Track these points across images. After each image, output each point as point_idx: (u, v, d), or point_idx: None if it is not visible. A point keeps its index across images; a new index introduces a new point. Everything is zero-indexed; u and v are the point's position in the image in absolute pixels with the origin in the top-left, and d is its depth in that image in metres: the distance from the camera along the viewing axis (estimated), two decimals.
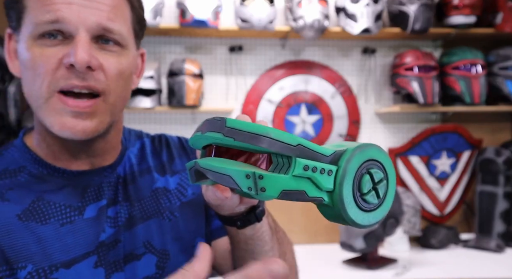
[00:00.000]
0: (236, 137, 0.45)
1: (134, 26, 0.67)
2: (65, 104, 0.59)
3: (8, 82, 2.23)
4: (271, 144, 0.45)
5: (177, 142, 0.82)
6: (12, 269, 0.59)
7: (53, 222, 0.63)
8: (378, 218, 0.49)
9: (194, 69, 2.22)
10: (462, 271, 1.98)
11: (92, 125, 0.61)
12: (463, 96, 2.34)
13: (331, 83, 2.53)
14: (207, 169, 0.47)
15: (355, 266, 2.06)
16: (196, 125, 2.44)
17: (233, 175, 0.45)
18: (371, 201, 0.48)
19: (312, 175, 0.46)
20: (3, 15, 0.69)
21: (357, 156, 0.47)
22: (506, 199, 2.40)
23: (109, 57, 0.62)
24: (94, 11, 0.59)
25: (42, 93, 0.60)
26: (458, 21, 2.35)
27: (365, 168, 0.48)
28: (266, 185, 0.44)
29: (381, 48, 2.57)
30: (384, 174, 0.49)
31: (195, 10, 2.13)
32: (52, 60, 0.59)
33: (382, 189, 0.49)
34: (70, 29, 0.59)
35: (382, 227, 2.03)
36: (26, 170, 0.66)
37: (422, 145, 2.56)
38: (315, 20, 2.18)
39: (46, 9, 0.58)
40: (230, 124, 0.46)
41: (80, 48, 0.58)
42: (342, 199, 0.46)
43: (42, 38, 0.59)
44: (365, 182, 0.47)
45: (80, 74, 0.59)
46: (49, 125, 0.61)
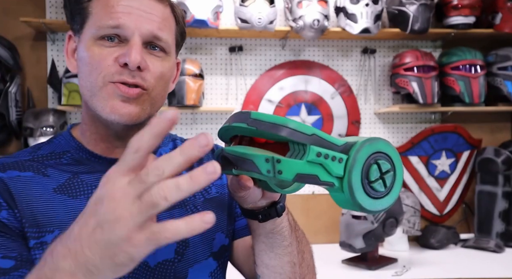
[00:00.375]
0: (259, 126, 0.52)
1: (177, 37, 0.78)
2: (117, 88, 0.69)
3: (9, 82, 2.23)
4: (289, 133, 0.50)
5: None
6: (40, 232, 0.68)
7: (82, 199, 0.72)
8: (385, 205, 0.54)
9: (195, 69, 2.23)
10: (461, 271, 1.98)
11: (136, 110, 0.71)
12: (462, 96, 2.34)
13: (331, 83, 2.54)
14: (232, 155, 0.54)
15: (354, 266, 2.07)
16: (196, 125, 2.46)
17: (254, 159, 0.51)
18: (378, 189, 0.53)
19: (324, 161, 0.51)
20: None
21: (366, 147, 0.52)
22: (505, 199, 2.40)
23: (155, 61, 0.73)
24: (148, 20, 0.71)
25: (97, 82, 0.70)
26: (457, 21, 2.36)
27: (374, 159, 0.53)
28: (283, 168, 0.50)
29: (381, 48, 2.57)
30: (392, 166, 0.54)
31: (195, 10, 2.13)
32: (109, 58, 0.69)
33: (389, 179, 0.54)
34: (127, 34, 0.70)
35: (382, 227, 2.04)
36: (69, 154, 0.76)
37: (422, 145, 2.56)
38: (315, 20, 2.18)
39: (110, 15, 0.69)
40: (254, 116, 0.53)
41: (134, 51, 0.68)
42: (351, 184, 0.51)
43: (101, 39, 0.70)
44: (372, 171, 0.52)
45: (131, 72, 0.69)
46: (100, 109, 0.71)
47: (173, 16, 0.77)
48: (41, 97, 2.36)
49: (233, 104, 2.47)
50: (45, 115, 2.19)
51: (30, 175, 0.72)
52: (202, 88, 2.26)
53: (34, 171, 0.72)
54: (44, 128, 2.16)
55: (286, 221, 0.74)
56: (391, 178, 0.54)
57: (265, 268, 0.77)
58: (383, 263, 2.06)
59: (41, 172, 0.73)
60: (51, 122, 2.18)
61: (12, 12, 2.31)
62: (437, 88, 2.33)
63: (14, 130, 2.26)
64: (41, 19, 2.17)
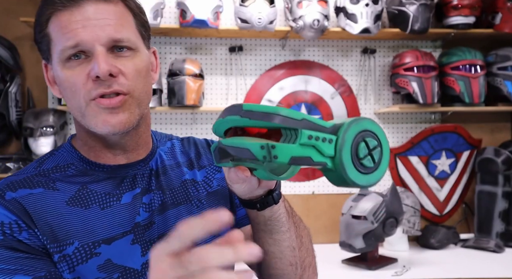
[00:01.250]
0: (251, 116, 0.54)
1: (140, 30, 0.77)
2: (99, 104, 0.71)
3: (9, 82, 2.23)
4: (281, 120, 0.53)
5: (204, 142, 0.94)
6: (61, 246, 0.70)
7: (94, 207, 0.75)
8: (376, 179, 0.58)
9: (195, 69, 2.23)
10: (461, 271, 1.98)
11: (125, 116, 0.72)
12: (462, 96, 2.34)
13: (331, 83, 2.54)
14: (228, 145, 0.57)
15: (354, 265, 2.07)
16: (196, 125, 2.46)
17: (250, 147, 0.54)
18: (367, 164, 0.57)
19: (316, 143, 0.54)
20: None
21: (353, 127, 0.56)
22: (505, 199, 2.40)
23: (125, 62, 0.73)
24: (103, 27, 0.70)
25: (81, 104, 0.71)
26: (457, 21, 2.36)
27: (361, 137, 0.56)
28: (278, 153, 0.53)
29: (381, 48, 2.57)
30: (378, 142, 0.58)
31: (195, 10, 2.13)
32: (81, 77, 0.70)
33: (376, 155, 0.58)
34: (88, 47, 0.70)
35: (382, 227, 2.04)
36: (73, 166, 0.78)
37: (422, 145, 2.56)
38: (315, 20, 2.18)
39: (66, 36, 0.70)
40: (246, 107, 0.55)
41: (100, 60, 0.69)
42: (343, 162, 0.55)
43: (69, 60, 0.71)
44: (361, 149, 0.56)
45: (105, 82, 0.70)
46: (93, 126, 0.73)
47: (128, 11, 0.76)
48: (41, 97, 2.36)
49: None
50: (45, 115, 2.19)
51: (41, 191, 0.73)
52: (202, 88, 2.25)
53: (44, 186, 0.74)
54: (44, 128, 2.16)
55: (283, 207, 0.78)
56: (379, 153, 0.58)
57: (265, 255, 0.81)
58: (383, 263, 2.06)
59: (50, 187, 0.74)
60: (51, 122, 2.18)
61: (12, 12, 2.31)
62: (437, 88, 2.33)
63: (14, 130, 2.27)
64: None
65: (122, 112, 0.72)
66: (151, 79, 0.80)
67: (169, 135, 0.93)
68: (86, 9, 0.70)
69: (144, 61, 0.76)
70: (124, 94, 0.72)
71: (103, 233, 0.73)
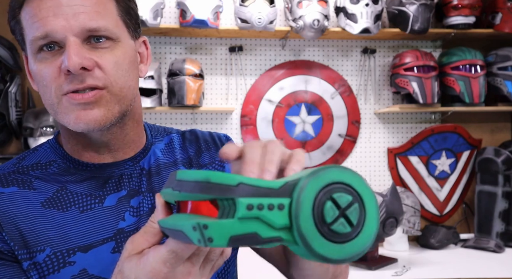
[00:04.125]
0: (181, 188, 0.44)
1: (123, 18, 0.68)
2: (71, 99, 0.64)
3: (9, 82, 2.23)
4: (211, 189, 0.41)
5: (208, 135, 0.85)
6: (31, 252, 0.64)
7: (73, 210, 0.68)
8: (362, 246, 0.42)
9: (195, 69, 2.23)
10: (461, 271, 1.98)
11: (101, 113, 0.65)
12: (462, 96, 2.34)
13: (331, 83, 2.54)
14: (165, 228, 0.47)
15: (354, 265, 2.07)
16: (196, 125, 2.46)
17: (183, 229, 0.42)
18: (341, 230, 0.41)
19: (260, 213, 0.40)
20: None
21: (311, 183, 0.41)
22: (505, 199, 2.40)
23: (103, 53, 0.64)
24: (76, 15, 0.62)
25: (52, 99, 0.65)
26: (457, 21, 2.36)
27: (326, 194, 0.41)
28: (212, 234, 0.40)
29: (381, 48, 2.57)
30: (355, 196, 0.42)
31: (195, 10, 2.13)
32: (53, 70, 0.63)
33: (354, 214, 0.42)
34: (59, 38, 0.62)
35: (382, 227, 2.04)
36: (55, 164, 0.72)
37: (422, 145, 2.56)
38: (315, 20, 2.18)
39: (36, 25, 0.62)
40: (179, 176, 0.45)
41: (72, 53, 0.61)
42: (303, 234, 0.40)
43: (41, 52, 0.64)
44: (328, 210, 0.41)
45: (78, 77, 0.62)
46: (66, 123, 0.66)
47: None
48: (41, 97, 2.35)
49: (233, 104, 2.47)
50: (45, 115, 2.19)
51: (14, 191, 0.67)
52: (202, 88, 2.26)
53: (19, 185, 0.68)
54: (44, 128, 2.16)
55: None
56: (357, 211, 0.42)
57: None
58: (383, 263, 2.06)
59: (26, 186, 0.68)
60: (51, 122, 2.18)
61: None
62: (437, 88, 2.33)
63: (14, 130, 2.27)
64: None
65: (98, 108, 0.64)
66: (137, 72, 0.71)
67: (168, 129, 0.85)
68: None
69: (126, 52, 0.67)
70: (100, 89, 0.64)
71: (80, 239, 0.66)
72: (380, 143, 2.57)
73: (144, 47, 0.76)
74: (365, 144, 2.57)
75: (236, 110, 2.48)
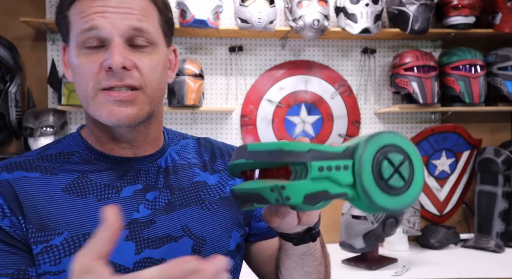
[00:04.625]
0: (256, 158, 0.51)
1: (163, 26, 0.75)
2: (108, 96, 0.68)
3: (9, 82, 2.23)
4: (284, 156, 0.49)
5: (221, 144, 0.91)
6: (48, 235, 0.67)
7: (91, 198, 0.72)
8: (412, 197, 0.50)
9: (195, 69, 2.23)
10: (461, 271, 1.98)
11: (133, 111, 0.70)
12: (462, 96, 2.34)
13: (331, 83, 2.54)
14: (239, 192, 0.54)
15: (354, 265, 2.07)
16: (196, 125, 2.46)
17: (260, 191, 0.50)
18: (396, 184, 0.49)
19: (329, 174, 0.48)
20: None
21: (370, 146, 0.49)
22: (505, 199, 2.40)
23: (142, 56, 0.70)
24: (125, 16, 0.68)
25: (88, 92, 0.69)
26: (457, 21, 2.36)
27: (382, 155, 0.49)
28: (290, 193, 0.48)
29: (381, 48, 2.57)
30: (405, 156, 0.50)
31: (195, 10, 2.13)
32: (94, 65, 0.68)
33: (405, 170, 0.50)
34: (105, 35, 0.68)
35: (382, 227, 2.04)
36: (77, 154, 0.76)
37: (422, 145, 2.56)
38: (315, 20, 2.18)
39: (84, 19, 0.68)
40: (250, 148, 0.52)
41: (115, 52, 0.67)
42: (365, 189, 0.48)
43: (85, 47, 0.69)
44: (384, 168, 0.49)
45: (117, 74, 0.68)
46: (98, 117, 0.70)
47: (153, 5, 0.74)
48: (41, 97, 2.36)
49: (233, 104, 2.47)
50: (45, 115, 2.19)
51: (37, 176, 0.71)
52: (202, 88, 2.26)
53: (42, 171, 0.72)
54: (44, 128, 2.16)
55: (318, 243, 0.76)
56: (408, 168, 0.50)
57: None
58: (383, 263, 2.06)
59: (48, 172, 0.72)
60: (51, 122, 2.18)
61: (12, 12, 2.31)
62: (437, 88, 2.33)
63: (14, 130, 2.27)
64: (41, 19, 2.17)
65: (131, 107, 0.69)
66: (166, 77, 0.77)
67: (184, 134, 0.90)
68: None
69: (161, 58, 0.73)
70: (135, 89, 0.70)
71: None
72: None
73: (174, 55, 0.82)
74: None
75: (236, 110, 2.48)
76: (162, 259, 0.73)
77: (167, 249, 0.73)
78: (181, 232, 0.75)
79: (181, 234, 0.75)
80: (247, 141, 2.48)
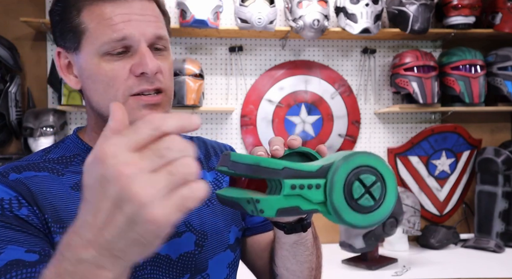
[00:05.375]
0: (236, 169, 0.53)
1: (168, 30, 0.78)
2: (140, 101, 0.70)
3: (9, 82, 2.23)
4: (260, 171, 0.51)
5: (214, 142, 0.94)
6: (65, 227, 0.67)
7: None
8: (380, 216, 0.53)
9: (195, 69, 2.23)
10: (461, 271, 1.98)
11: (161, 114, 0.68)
12: (462, 96, 2.34)
13: (331, 83, 2.54)
14: (223, 198, 0.59)
15: (354, 265, 2.07)
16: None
17: (239, 201, 0.54)
18: (366, 204, 0.52)
19: (301, 192, 0.52)
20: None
21: (343, 166, 0.52)
22: (505, 199, 2.40)
23: (162, 60, 0.73)
24: (147, 23, 0.70)
25: (118, 99, 0.70)
26: (457, 21, 2.36)
27: (355, 176, 0.52)
28: (263, 207, 0.51)
29: (381, 48, 2.57)
30: (378, 176, 0.53)
31: (195, 10, 2.13)
32: (122, 72, 0.69)
33: (377, 191, 0.53)
34: (133, 43, 0.69)
35: (382, 227, 2.04)
36: (79, 157, 0.77)
37: (422, 145, 2.56)
38: (315, 20, 2.18)
39: (111, 29, 0.68)
40: (233, 158, 0.54)
41: (149, 58, 0.69)
42: (335, 207, 0.52)
43: (107, 54, 0.69)
44: (355, 188, 0.52)
45: (149, 79, 0.70)
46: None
47: (160, 10, 0.76)
48: (41, 97, 2.36)
49: (233, 104, 2.47)
50: (45, 115, 2.19)
51: (47, 175, 0.72)
52: (202, 88, 2.25)
53: (49, 171, 0.73)
54: (44, 128, 2.16)
55: (310, 233, 0.78)
56: (379, 188, 0.53)
57: (285, 271, 0.82)
58: (383, 263, 2.06)
59: (55, 172, 0.73)
60: (51, 122, 2.18)
61: (12, 12, 2.31)
62: (437, 88, 2.33)
63: (14, 130, 2.27)
64: (41, 19, 2.17)
65: (160, 110, 0.72)
66: None
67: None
68: (131, 4, 0.69)
69: (171, 61, 0.77)
70: (160, 92, 0.72)
71: None
72: (380, 143, 2.57)
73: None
74: (365, 144, 2.57)
75: (236, 110, 2.48)
76: (167, 254, 0.74)
77: (172, 244, 0.75)
78: (184, 228, 0.78)
79: (184, 230, 0.77)
80: (247, 141, 2.48)
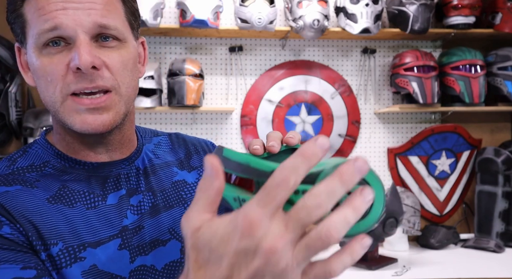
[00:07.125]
0: (227, 165, 0.53)
1: (129, 18, 0.69)
2: (80, 104, 0.63)
3: (9, 82, 2.23)
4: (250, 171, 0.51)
5: (194, 139, 0.88)
6: (46, 244, 0.62)
7: (79, 206, 0.67)
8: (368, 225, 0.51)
9: (195, 69, 2.23)
10: (461, 271, 1.98)
11: (110, 117, 0.65)
12: (462, 96, 2.34)
13: (331, 83, 2.54)
14: None
15: (354, 265, 2.07)
16: (196, 125, 2.46)
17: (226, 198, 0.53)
18: None
19: None
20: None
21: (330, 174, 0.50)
22: (505, 199, 2.41)
23: (110, 53, 0.65)
24: (88, 11, 0.62)
25: (56, 98, 0.64)
26: (457, 21, 2.36)
27: None
28: None
29: (381, 48, 2.57)
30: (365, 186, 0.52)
31: (195, 10, 2.13)
32: (60, 67, 0.62)
33: None
34: (69, 33, 0.62)
35: (382, 226, 2.04)
36: (50, 164, 0.70)
37: (422, 145, 2.56)
38: (315, 20, 2.18)
39: (44, 18, 0.61)
40: (225, 154, 0.53)
41: (82, 51, 0.61)
42: None
43: (47, 47, 0.63)
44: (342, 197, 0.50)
45: (87, 76, 0.62)
46: (70, 124, 0.65)
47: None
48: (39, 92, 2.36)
49: (233, 104, 2.47)
50: (45, 115, 2.19)
51: (19, 188, 0.65)
52: (202, 88, 2.26)
53: (22, 184, 0.66)
54: (44, 128, 2.17)
55: None
56: None
57: None
58: (383, 263, 2.06)
59: (28, 184, 0.66)
60: (51, 122, 2.18)
61: None
62: (437, 88, 2.33)
63: (14, 130, 2.27)
64: None
65: (107, 113, 0.64)
66: (138, 73, 0.71)
67: (154, 131, 0.86)
68: None
69: (131, 52, 0.68)
70: (108, 91, 0.64)
71: (89, 235, 0.66)
72: (380, 143, 2.57)
73: (142, 48, 0.76)
74: (365, 144, 2.57)
75: (236, 110, 2.48)
76: (152, 265, 0.71)
77: (156, 253, 0.72)
78: (169, 235, 0.74)
79: (169, 237, 0.74)
80: (247, 141, 2.48)
